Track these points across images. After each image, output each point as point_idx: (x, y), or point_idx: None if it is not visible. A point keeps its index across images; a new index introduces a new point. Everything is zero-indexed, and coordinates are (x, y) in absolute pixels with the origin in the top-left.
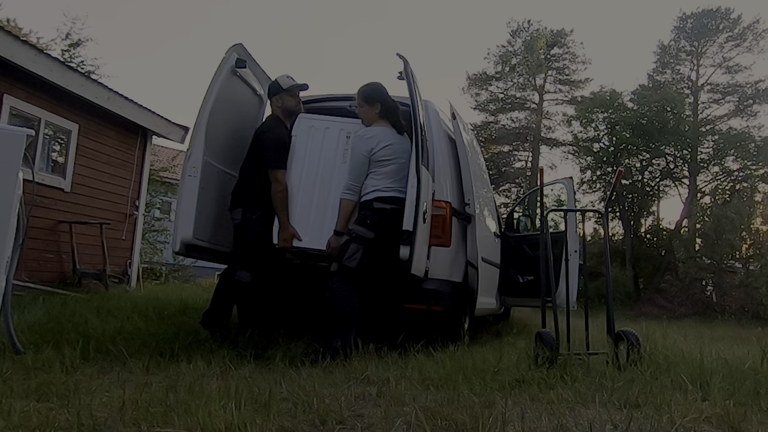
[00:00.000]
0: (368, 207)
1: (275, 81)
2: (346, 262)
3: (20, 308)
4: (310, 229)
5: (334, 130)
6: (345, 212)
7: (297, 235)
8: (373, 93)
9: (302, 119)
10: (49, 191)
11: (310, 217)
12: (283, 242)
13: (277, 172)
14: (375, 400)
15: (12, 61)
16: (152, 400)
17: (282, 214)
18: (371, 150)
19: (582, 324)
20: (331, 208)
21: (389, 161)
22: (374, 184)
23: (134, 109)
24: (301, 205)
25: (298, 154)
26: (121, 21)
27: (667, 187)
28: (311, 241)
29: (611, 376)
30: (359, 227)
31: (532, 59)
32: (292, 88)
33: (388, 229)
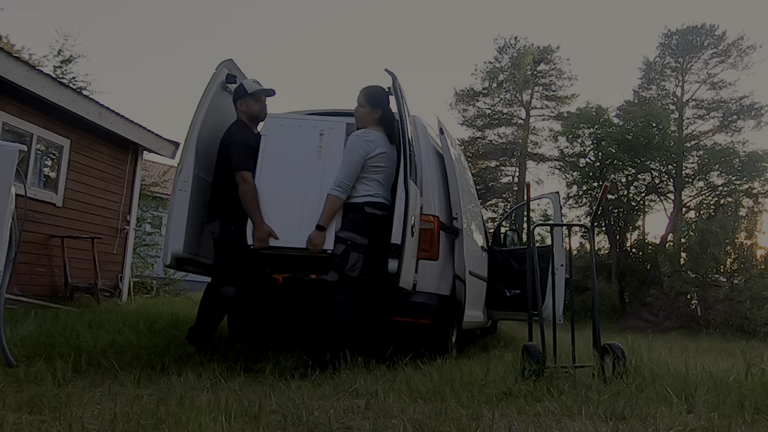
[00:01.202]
0: (358, 211)
1: (240, 85)
2: (349, 272)
3: (12, 322)
4: (288, 228)
5: (306, 128)
6: (331, 209)
7: (273, 234)
8: (378, 97)
9: (271, 118)
10: (41, 206)
11: (286, 216)
12: (258, 242)
13: (243, 173)
14: (363, 413)
15: (4, 77)
16: (143, 413)
17: (254, 213)
18: (368, 153)
19: (568, 337)
20: (308, 205)
21: (381, 168)
22: (366, 188)
23: (125, 124)
24: (277, 204)
25: (269, 153)
26: (111, 35)
27: (653, 201)
28: (289, 240)
29: (597, 389)
30: (353, 234)
31: (519, 75)
32: (257, 92)
33: (377, 237)
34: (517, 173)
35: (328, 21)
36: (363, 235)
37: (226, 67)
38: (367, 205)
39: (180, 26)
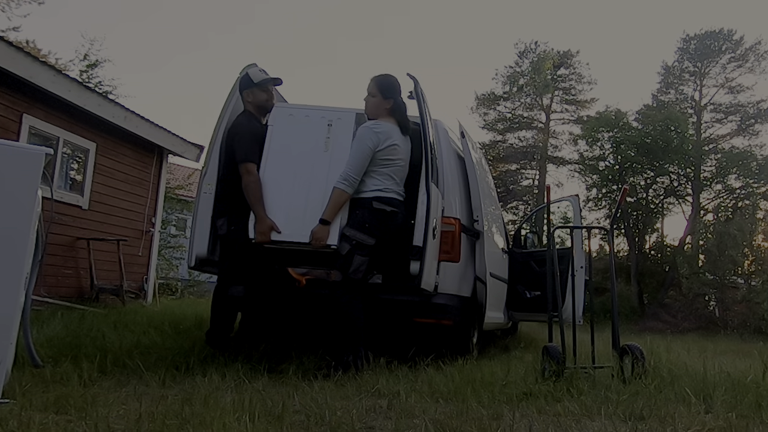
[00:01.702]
0: (366, 206)
1: (246, 74)
2: (353, 275)
3: (39, 323)
4: (291, 222)
5: (314, 118)
6: (336, 202)
7: (275, 227)
8: (390, 87)
9: (279, 108)
10: (68, 208)
11: (290, 210)
12: (259, 236)
13: (247, 165)
14: (386, 413)
15: (31, 82)
16: (168, 413)
17: (256, 205)
18: (378, 145)
19: (588, 338)
20: (313, 199)
21: (392, 161)
22: (375, 183)
23: (150, 128)
24: (281, 197)
25: (275, 143)
26: (136, 39)
27: (671, 204)
28: (292, 234)
29: (616, 390)
30: (359, 233)
31: (539, 80)
32: (263, 82)
33: (387, 235)
34: (537, 176)
35: (351, 24)
36: (370, 235)
37: (249, 71)
38: (375, 201)
39: (203, 28)
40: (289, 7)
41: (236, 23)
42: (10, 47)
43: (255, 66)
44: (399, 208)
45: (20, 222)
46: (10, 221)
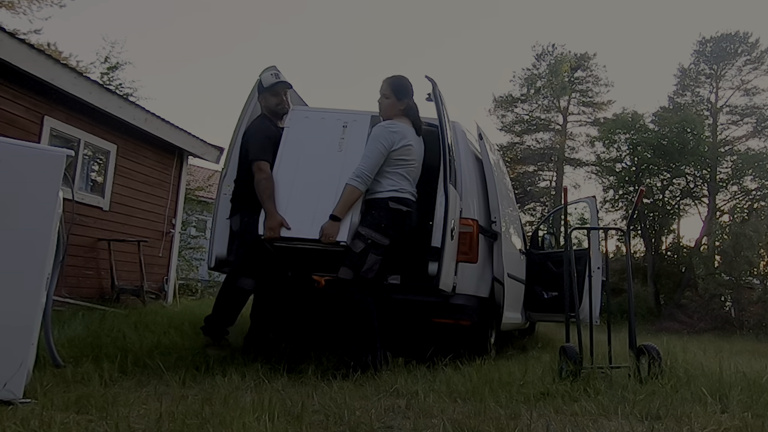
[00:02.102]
0: (382, 207)
1: (258, 79)
2: (365, 274)
3: (60, 323)
4: (302, 219)
5: (330, 120)
6: (348, 199)
7: (285, 224)
8: (404, 88)
9: (296, 111)
10: (89, 210)
11: (302, 208)
12: (269, 232)
13: (260, 163)
14: (404, 413)
15: (52, 84)
16: (188, 413)
17: (267, 202)
18: (393, 144)
19: (605, 338)
20: (324, 197)
21: (407, 162)
22: (390, 183)
23: (171, 130)
24: (293, 195)
25: (289, 144)
26: (157, 41)
27: (687, 205)
28: (302, 230)
29: (633, 389)
30: (374, 233)
31: (557, 82)
32: (273, 86)
33: (401, 235)
34: (554, 178)
35: (367, 27)
36: (385, 235)
37: (269, 71)
38: (391, 201)
39: (225, 30)
40: (312, 10)
41: (258, 25)
42: (31, 50)
43: (271, 69)
44: (413, 208)
45: (42, 223)
46: (32, 222)
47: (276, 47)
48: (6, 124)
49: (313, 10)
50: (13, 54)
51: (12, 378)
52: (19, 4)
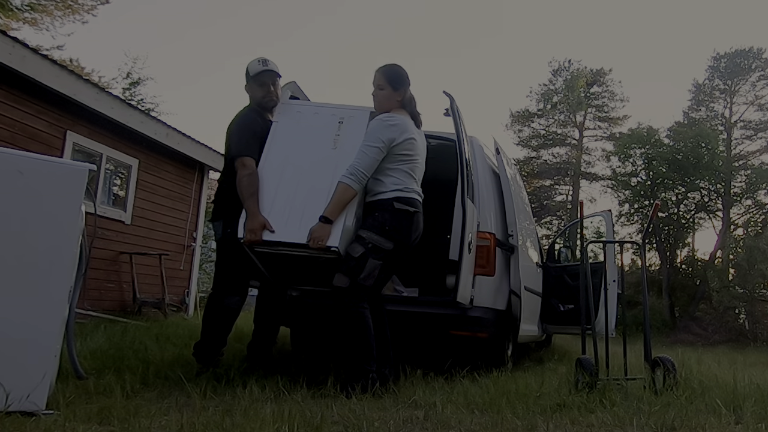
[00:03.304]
0: (386, 208)
1: (246, 68)
2: (363, 281)
3: (83, 335)
4: (289, 222)
5: (324, 115)
6: (340, 199)
7: (268, 226)
8: (399, 77)
9: (286, 105)
10: (111, 223)
11: (290, 210)
12: (249, 234)
13: (243, 159)
14: (422, 424)
15: (75, 99)
16: (209, 424)
17: (248, 200)
18: (393, 141)
19: (620, 350)
20: (315, 198)
21: (410, 157)
22: (394, 182)
23: (192, 144)
24: (280, 197)
25: (278, 139)
26: (177, 54)
27: (702, 219)
28: (288, 234)
29: (648, 401)
30: (377, 236)
31: (573, 97)
32: (259, 75)
33: (407, 240)
34: (570, 192)
35: (385, 41)
36: (389, 238)
37: (289, 89)
38: (396, 201)
39: (246, 43)
40: (329, 24)
41: (276, 39)
42: (54, 65)
43: (294, 83)
44: (420, 209)
45: (64, 237)
46: (55, 236)
47: (295, 55)
48: (29, 139)
49: (330, 20)
50: (37, 70)
51: (35, 389)
52: (42, 20)
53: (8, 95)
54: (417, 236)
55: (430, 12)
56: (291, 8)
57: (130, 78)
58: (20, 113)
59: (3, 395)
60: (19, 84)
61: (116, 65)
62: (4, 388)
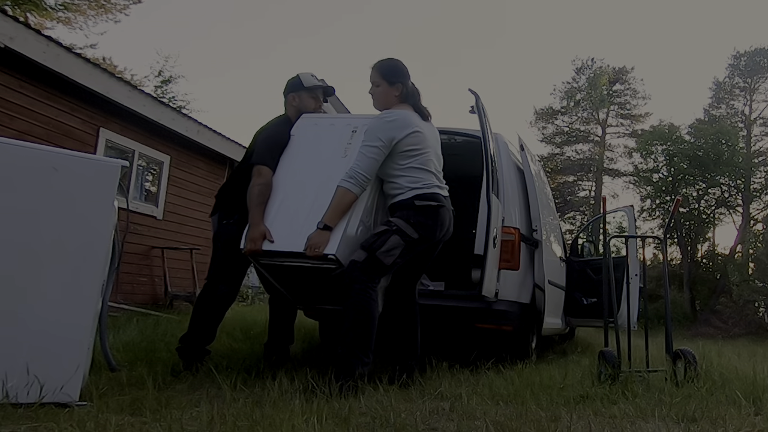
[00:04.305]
0: (408, 207)
1: (296, 77)
2: (381, 255)
3: (115, 328)
4: (291, 232)
5: (339, 126)
6: (340, 203)
7: (268, 236)
8: (394, 70)
9: (305, 118)
10: (143, 218)
11: (293, 218)
12: (250, 243)
13: (262, 168)
14: (448, 415)
15: (108, 97)
16: (239, 415)
17: (254, 209)
18: (393, 138)
19: (642, 343)
20: (319, 205)
21: (419, 151)
22: (409, 180)
23: (222, 141)
24: (286, 204)
25: (291, 150)
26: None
27: (722, 214)
28: (286, 243)
29: (669, 392)
30: (402, 222)
31: (596, 95)
32: (315, 87)
33: (433, 234)
34: (593, 188)
35: (411, 39)
36: (415, 229)
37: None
38: (417, 199)
39: (274, 40)
40: (356, 21)
41: (305, 36)
42: (87, 63)
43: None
44: (446, 203)
45: (97, 232)
46: (88, 231)
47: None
48: (63, 136)
49: (356, 17)
50: (71, 68)
51: (69, 381)
52: (76, 19)
53: (43, 93)
54: (445, 233)
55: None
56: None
57: (161, 76)
58: (54, 111)
59: (37, 387)
60: (54, 82)
61: (148, 63)
62: (38, 380)
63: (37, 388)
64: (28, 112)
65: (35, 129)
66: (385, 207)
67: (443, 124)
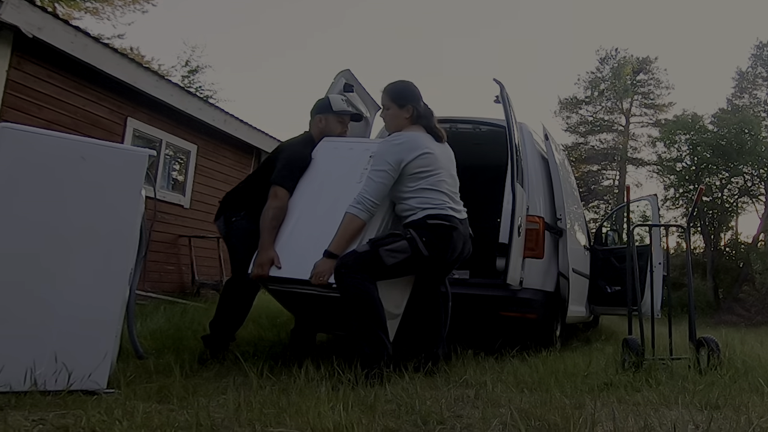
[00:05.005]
0: (420, 226)
1: (326, 98)
2: (383, 252)
3: (143, 316)
4: (299, 258)
5: (357, 150)
6: (347, 230)
7: (276, 261)
8: (402, 92)
9: (326, 141)
10: (170, 207)
11: (302, 244)
12: (257, 269)
13: (279, 189)
14: (473, 402)
15: (135, 87)
16: (266, 402)
17: (267, 233)
18: (402, 161)
19: (665, 331)
20: (328, 232)
21: (430, 173)
22: (420, 201)
23: (249, 131)
24: (298, 229)
25: (310, 174)
26: (236, 40)
27: (745, 203)
28: (292, 270)
29: (693, 380)
30: (416, 234)
31: (620, 85)
32: (342, 112)
33: (443, 253)
34: (617, 177)
35: (438, 29)
36: (426, 247)
37: (343, 76)
38: (429, 218)
39: (300, 29)
40: (387, 8)
41: (332, 25)
42: (115, 54)
43: (349, 71)
44: (460, 227)
45: (125, 220)
46: (116, 219)
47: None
48: (91, 125)
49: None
50: (99, 58)
51: (97, 369)
52: (104, 10)
53: (71, 83)
54: (457, 256)
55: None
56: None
57: (188, 66)
58: (82, 100)
59: (65, 374)
60: (82, 72)
61: (175, 53)
62: (66, 368)
63: (65, 376)
64: (56, 101)
65: (63, 118)
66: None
67: (470, 114)
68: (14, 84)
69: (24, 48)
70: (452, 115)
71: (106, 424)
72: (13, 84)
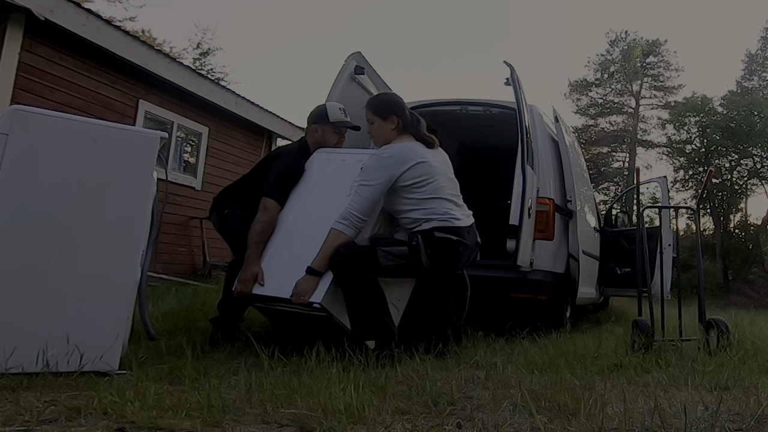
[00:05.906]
0: (428, 237)
1: (324, 107)
2: (380, 252)
3: (154, 298)
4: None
5: (349, 161)
6: (332, 246)
7: (260, 278)
8: (384, 104)
9: (319, 153)
10: (182, 189)
11: (286, 260)
12: (240, 285)
13: (269, 201)
14: (483, 383)
15: (147, 69)
16: (277, 383)
17: (253, 248)
18: (392, 176)
19: (675, 312)
20: (313, 247)
21: (426, 181)
22: (422, 213)
23: (260, 113)
24: (284, 246)
25: (300, 187)
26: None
27: (755, 185)
28: (275, 287)
29: (702, 361)
30: (423, 243)
31: (629, 67)
32: (339, 123)
33: (445, 269)
34: (627, 159)
35: (450, 16)
36: (429, 258)
37: (354, 59)
38: (436, 231)
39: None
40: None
41: (346, 12)
42: (127, 36)
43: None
44: (467, 238)
45: (137, 202)
46: (128, 201)
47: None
48: (103, 108)
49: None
50: (110, 41)
51: (108, 350)
52: None
53: (82, 65)
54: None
55: None
56: None
57: (200, 48)
58: (94, 83)
59: (77, 355)
60: (94, 54)
61: (187, 36)
62: (78, 349)
63: (77, 357)
64: (68, 84)
65: (75, 101)
66: None
67: (482, 97)
68: (26, 66)
69: (36, 31)
70: (463, 98)
71: (118, 405)
72: (25, 66)
